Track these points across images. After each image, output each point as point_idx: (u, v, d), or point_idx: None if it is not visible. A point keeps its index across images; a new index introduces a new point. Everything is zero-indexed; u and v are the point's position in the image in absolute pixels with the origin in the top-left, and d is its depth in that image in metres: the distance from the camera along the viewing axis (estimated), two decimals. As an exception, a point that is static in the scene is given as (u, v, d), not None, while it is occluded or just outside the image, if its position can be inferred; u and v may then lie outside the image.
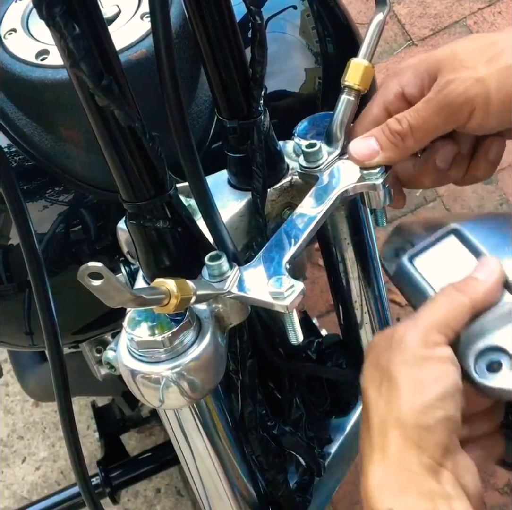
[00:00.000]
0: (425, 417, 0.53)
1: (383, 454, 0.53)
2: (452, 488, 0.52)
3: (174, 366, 0.58)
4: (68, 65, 0.49)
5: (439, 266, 0.64)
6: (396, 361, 0.55)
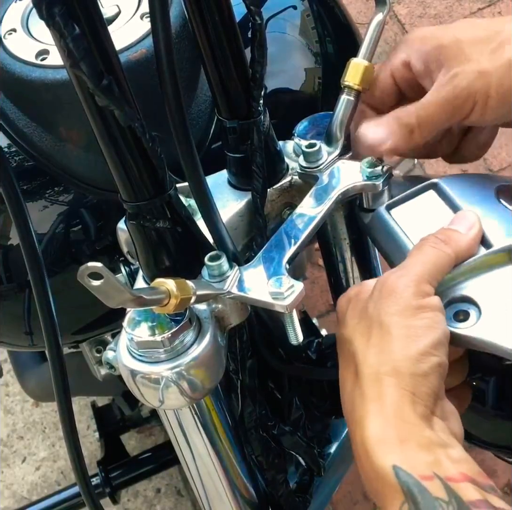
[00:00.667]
0: (421, 364, 0.53)
1: (380, 405, 0.53)
2: (445, 436, 0.53)
3: (174, 366, 0.58)
4: (68, 65, 0.49)
5: (416, 217, 0.64)
6: (389, 311, 0.56)
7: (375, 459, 0.52)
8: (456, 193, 0.63)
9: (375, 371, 0.55)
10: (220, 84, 0.62)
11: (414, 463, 0.50)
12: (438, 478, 0.50)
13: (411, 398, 0.53)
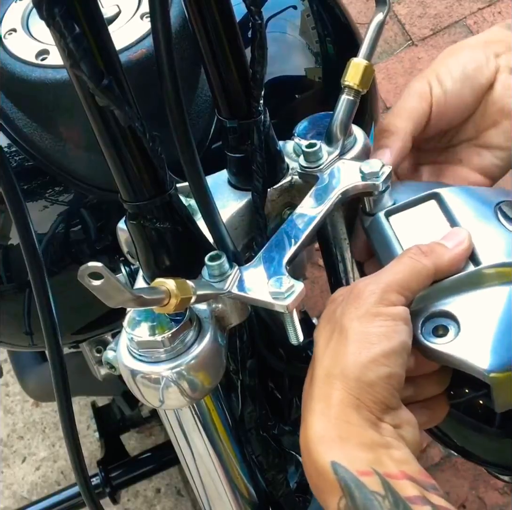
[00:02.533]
0: (368, 372, 0.53)
1: (325, 406, 0.54)
2: (392, 439, 0.53)
3: (174, 366, 0.58)
4: (68, 65, 0.49)
5: (413, 227, 0.64)
6: (349, 315, 0.56)
7: (315, 456, 0.52)
8: (455, 206, 0.63)
9: (326, 373, 0.55)
10: (220, 84, 0.62)
11: (353, 460, 0.51)
12: (377, 473, 0.50)
13: (355, 402, 0.53)
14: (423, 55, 2.14)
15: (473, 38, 0.71)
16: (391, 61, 2.14)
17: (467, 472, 1.55)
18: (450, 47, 0.71)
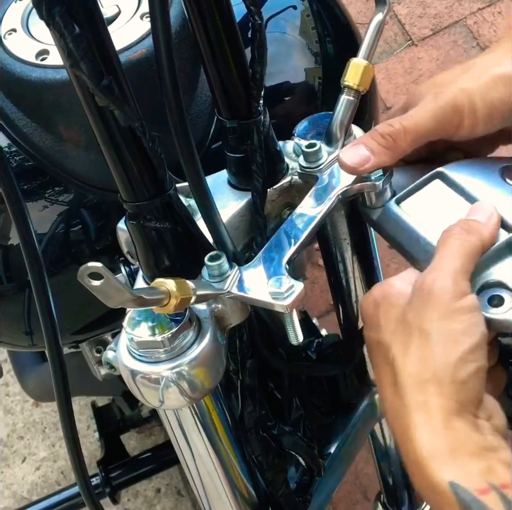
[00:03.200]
0: (459, 372, 0.53)
1: (426, 415, 0.53)
2: (493, 437, 0.52)
3: (174, 366, 0.58)
4: (68, 65, 0.49)
5: (427, 208, 0.64)
6: (428, 316, 0.55)
7: (430, 475, 0.51)
8: (462, 179, 0.63)
9: (416, 380, 0.54)
10: (220, 84, 0.62)
11: (469, 476, 0.50)
12: (494, 489, 0.49)
13: (455, 406, 0.52)
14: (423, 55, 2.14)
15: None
16: (391, 61, 2.14)
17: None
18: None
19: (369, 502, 1.50)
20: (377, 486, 1.12)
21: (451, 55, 2.12)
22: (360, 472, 1.59)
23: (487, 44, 2.11)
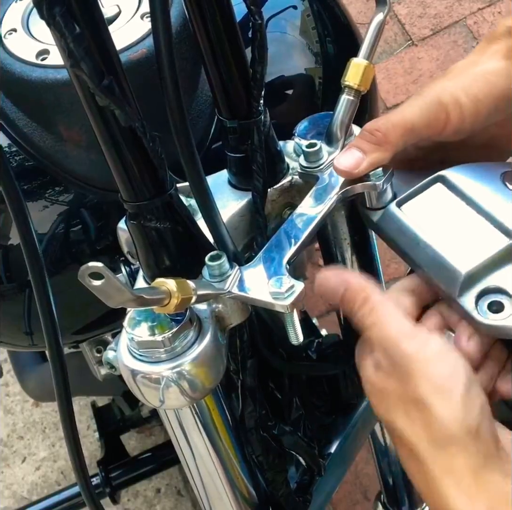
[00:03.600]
0: (468, 419, 0.52)
1: (456, 480, 0.51)
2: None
3: (174, 366, 0.58)
4: (69, 65, 0.49)
5: (428, 211, 0.64)
6: (412, 380, 0.54)
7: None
8: (464, 183, 0.63)
9: (431, 445, 0.53)
10: (221, 84, 0.62)
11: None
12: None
13: (480, 459, 0.51)
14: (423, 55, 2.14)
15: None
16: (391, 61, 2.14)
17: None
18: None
19: (369, 502, 1.50)
20: (377, 486, 1.12)
21: (451, 55, 2.12)
22: (360, 472, 1.59)
23: (487, 44, 2.11)
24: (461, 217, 0.62)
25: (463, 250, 0.60)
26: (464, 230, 0.61)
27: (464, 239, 0.61)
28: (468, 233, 0.61)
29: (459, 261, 0.59)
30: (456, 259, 0.60)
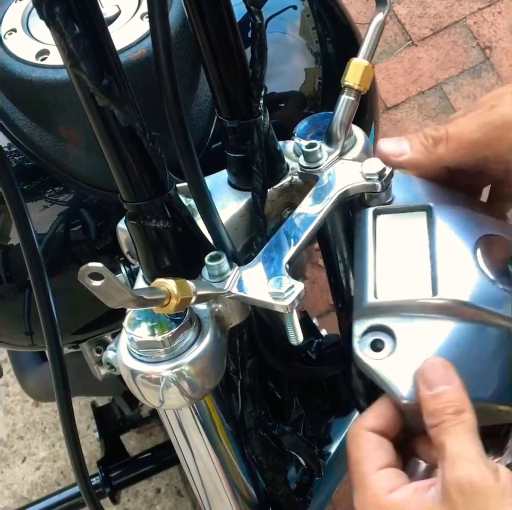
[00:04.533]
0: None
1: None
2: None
3: (174, 366, 0.58)
4: (68, 65, 0.49)
5: (395, 232, 0.63)
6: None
7: None
8: (441, 227, 0.62)
9: None
10: (220, 84, 0.62)
11: None
12: None
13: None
14: (423, 55, 2.14)
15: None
16: (391, 61, 2.14)
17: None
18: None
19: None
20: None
21: (451, 55, 2.12)
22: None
23: (487, 44, 2.11)
24: (415, 253, 0.61)
25: (389, 282, 0.60)
26: (407, 266, 0.61)
27: (400, 273, 0.60)
28: (408, 270, 0.60)
29: (375, 289, 0.59)
30: (375, 286, 0.60)
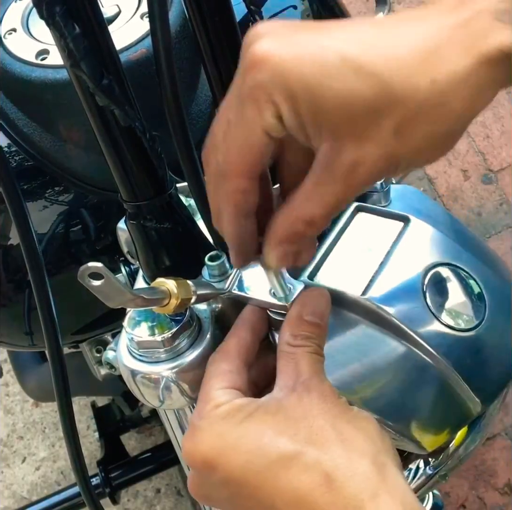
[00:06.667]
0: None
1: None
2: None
3: (174, 366, 0.58)
4: (68, 65, 0.49)
5: (366, 230, 0.63)
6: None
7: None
8: (406, 240, 0.62)
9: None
10: (221, 84, 0.62)
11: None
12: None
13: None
14: (423, 55, 2.14)
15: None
16: (391, 61, 2.14)
17: (467, 472, 1.55)
18: None
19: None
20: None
21: (451, 55, 2.11)
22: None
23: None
24: (370, 256, 0.61)
25: (332, 270, 0.60)
26: (357, 264, 0.61)
27: (346, 267, 0.61)
28: (355, 267, 0.60)
29: (314, 271, 0.60)
30: (316, 268, 0.60)
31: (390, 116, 0.39)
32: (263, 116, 0.40)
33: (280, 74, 0.39)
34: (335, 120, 0.39)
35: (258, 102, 0.40)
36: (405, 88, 0.38)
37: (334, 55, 0.39)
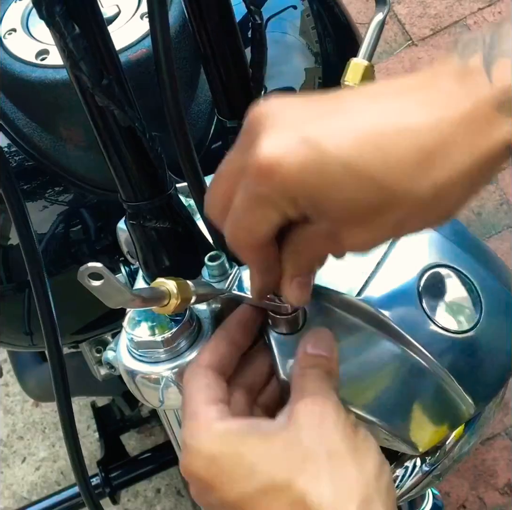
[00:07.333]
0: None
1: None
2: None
3: (174, 366, 0.58)
4: (68, 65, 0.49)
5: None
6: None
7: None
8: (405, 243, 0.61)
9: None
10: (220, 84, 0.62)
11: None
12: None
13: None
14: (423, 55, 2.14)
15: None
16: (391, 61, 2.14)
17: (467, 472, 1.55)
18: None
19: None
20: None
21: (451, 55, 2.11)
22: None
23: (487, 44, 2.11)
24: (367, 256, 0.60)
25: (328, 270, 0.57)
26: (354, 263, 0.59)
27: (342, 267, 0.57)
28: (352, 267, 0.59)
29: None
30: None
31: (391, 214, 0.42)
32: (268, 217, 0.44)
33: (287, 190, 0.42)
34: (337, 216, 0.43)
35: (265, 208, 0.43)
36: (407, 193, 0.41)
37: (336, 162, 0.40)
